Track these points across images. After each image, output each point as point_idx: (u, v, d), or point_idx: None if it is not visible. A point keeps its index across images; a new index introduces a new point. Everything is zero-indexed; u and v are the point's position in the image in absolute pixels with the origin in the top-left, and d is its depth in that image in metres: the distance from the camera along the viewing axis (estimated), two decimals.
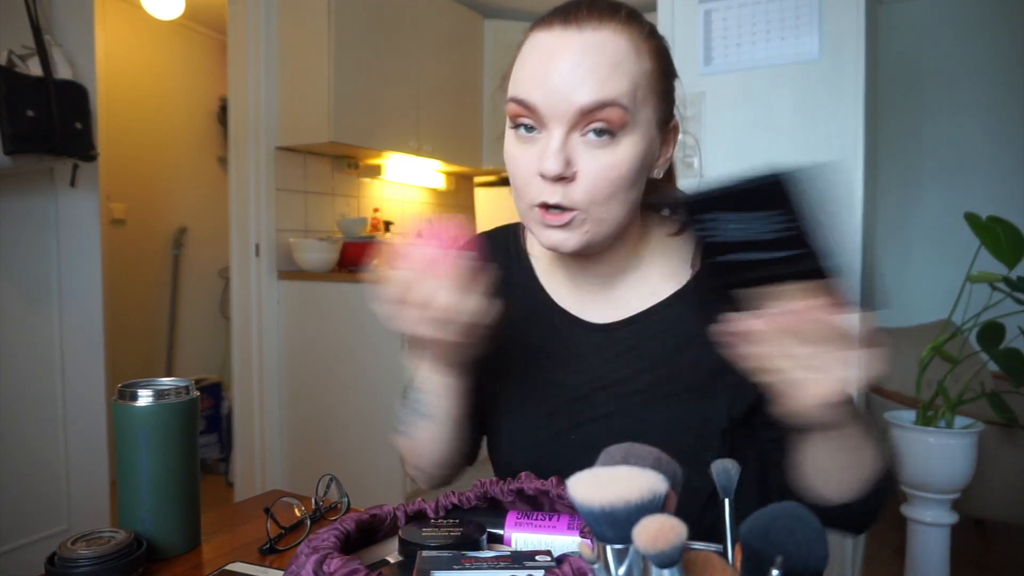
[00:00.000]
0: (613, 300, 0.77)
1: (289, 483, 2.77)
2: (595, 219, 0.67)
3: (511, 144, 0.70)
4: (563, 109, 0.64)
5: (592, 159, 0.65)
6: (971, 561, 2.28)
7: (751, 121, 1.88)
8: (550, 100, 0.64)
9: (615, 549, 0.37)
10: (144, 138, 3.28)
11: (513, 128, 0.69)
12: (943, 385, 1.76)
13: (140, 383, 0.74)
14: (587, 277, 0.78)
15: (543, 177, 0.65)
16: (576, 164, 0.65)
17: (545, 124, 0.66)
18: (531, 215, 0.69)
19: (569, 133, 0.65)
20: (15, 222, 1.85)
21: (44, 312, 1.93)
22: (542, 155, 0.65)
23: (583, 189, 0.65)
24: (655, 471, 0.40)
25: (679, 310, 0.75)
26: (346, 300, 2.62)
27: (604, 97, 0.63)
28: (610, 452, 0.45)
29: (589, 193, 0.65)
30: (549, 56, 0.65)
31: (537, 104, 0.65)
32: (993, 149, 2.90)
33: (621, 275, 0.77)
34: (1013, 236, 1.72)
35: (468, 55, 3.51)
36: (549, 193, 0.66)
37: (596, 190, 0.65)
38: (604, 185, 0.65)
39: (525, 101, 0.66)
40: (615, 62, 0.64)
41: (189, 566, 0.71)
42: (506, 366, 0.80)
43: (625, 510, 0.36)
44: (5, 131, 1.61)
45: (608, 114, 0.64)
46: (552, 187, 0.65)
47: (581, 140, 0.65)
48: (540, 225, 0.69)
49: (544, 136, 0.66)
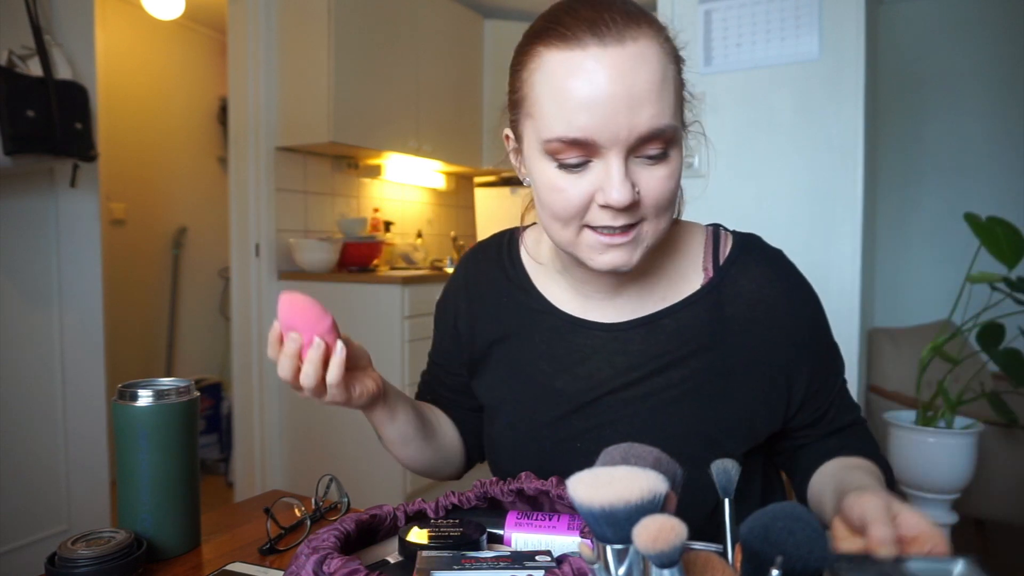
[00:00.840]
0: (619, 305, 0.75)
1: (289, 483, 2.77)
2: (654, 231, 0.65)
3: (551, 175, 0.64)
4: (623, 137, 0.60)
5: (652, 178, 0.62)
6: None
7: (751, 121, 1.88)
8: (608, 129, 0.59)
9: (615, 549, 0.37)
10: (144, 138, 3.28)
11: (552, 161, 0.63)
12: (943, 385, 1.77)
13: (140, 383, 0.74)
14: (596, 285, 0.75)
15: (607, 208, 0.62)
16: (637, 184, 0.62)
17: (599, 152, 0.61)
18: (584, 239, 0.65)
19: (628, 158, 0.62)
20: (15, 222, 1.85)
21: (44, 312, 1.93)
22: (603, 185, 0.61)
23: (647, 208, 0.63)
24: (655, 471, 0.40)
25: (691, 314, 0.73)
26: (346, 300, 2.62)
27: (663, 123, 0.60)
28: (610, 452, 0.45)
29: (654, 210, 0.64)
30: (593, 80, 0.59)
31: (591, 136, 0.60)
32: (993, 149, 2.90)
33: (630, 282, 0.74)
34: (1013, 236, 1.72)
35: (468, 55, 3.51)
36: (612, 218, 0.62)
37: (659, 206, 0.64)
38: (664, 200, 0.64)
39: (580, 140, 0.60)
40: (662, 76, 0.61)
41: (189, 566, 0.71)
42: (507, 375, 0.78)
43: (625, 510, 0.36)
44: (5, 131, 1.61)
45: (666, 136, 0.61)
46: (615, 214, 0.62)
47: (638, 162, 0.62)
48: (596, 248, 0.65)
49: (598, 164, 0.62)
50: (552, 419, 0.74)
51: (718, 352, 0.72)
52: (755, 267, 0.74)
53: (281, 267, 2.77)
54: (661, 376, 0.72)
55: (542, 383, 0.75)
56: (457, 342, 0.84)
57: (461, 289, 0.85)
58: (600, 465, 0.43)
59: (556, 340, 0.76)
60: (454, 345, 0.85)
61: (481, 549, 0.53)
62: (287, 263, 2.78)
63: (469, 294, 0.84)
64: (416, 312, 2.57)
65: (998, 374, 2.13)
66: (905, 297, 3.04)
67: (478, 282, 0.84)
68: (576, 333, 0.75)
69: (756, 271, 0.74)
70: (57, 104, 1.71)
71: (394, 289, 2.52)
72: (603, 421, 0.73)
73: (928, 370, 1.85)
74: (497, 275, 0.82)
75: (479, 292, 0.83)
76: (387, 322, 2.53)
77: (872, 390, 2.25)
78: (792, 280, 0.75)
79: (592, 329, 0.75)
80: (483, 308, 0.82)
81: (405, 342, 2.52)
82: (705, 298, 0.73)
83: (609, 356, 0.73)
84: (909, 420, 1.82)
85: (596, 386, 0.73)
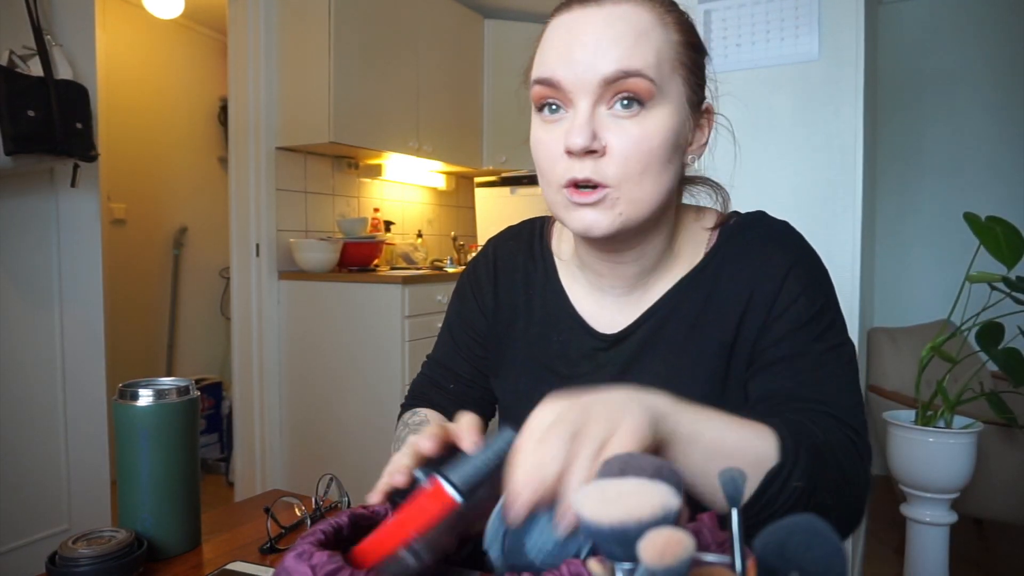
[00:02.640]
0: (633, 304, 0.74)
1: (289, 483, 2.77)
2: (628, 199, 0.63)
3: (537, 129, 0.67)
4: (587, 80, 0.61)
5: (621, 132, 0.62)
6: (971, 561, 2.28)
7: (750, 121, 1.88)
8: (574, 72, 0.62)
9: (624, 568, 0.36)
10: (144, 138, 3.28)
11: (538, 112, 0.66)
12: (942, 385, 1.77)
13: (140, 383, 0.74)
14: (612, 282, 0.74)
15: (570, 153, 0.62)
16: (604, 138, 0.62)
17: (571, 100, 0.63)
18: (559, 199, 0.65)
19: (595, 106, 0.62)
20: (16, 222, 1.85)
21: (45, 312, 1.93)
22: (568, 131, 0.62)
23: (614, 163, 0.62)
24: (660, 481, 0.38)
25: (685, 294, 0.72)
26: (346, 300, 2.62)
27: (629, 66, 0.61)
28: (609, 462, 0.44)
29: (621, 167, 0.62)
30: (571, 33, 0.63)
31: (561, 80, 0.63)
32: (992, 149, 2.90)
33: (647, 277, 0.73)
34: (1012, 236, 1.72)
35: (468, 55, 3.51)
36: (579, 168, 0.62)
37: (628, 164, 0.62)
38: (636, 159, 0.62)
39: (549, 79, 0.63)
40: (639, 31, 0.62)
41: (189, 566, 0.71)
42: (523, 369, 0.78)
43: (637, 528, 0.34)
44: (6, 131, 1.61)
45: (634, 84, 0.61)
46: (581, 162, 0.62)
47: (608, 113, 0.62)
48: (569, 206, 0.65)
49: (570, 113, 0.64)
50: None
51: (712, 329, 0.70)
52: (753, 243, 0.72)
53: (281, 267, 2.77)
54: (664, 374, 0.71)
55: (556, 384, 0.75)
56: (483, 316, 0.83)
57: (490, 271, 0.84)
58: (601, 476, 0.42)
59: (573, 342, 0.76)
60: (479, 318, 0.83)
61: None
62: (287, 263, 2.79)
63: (497, 279, 0.83)
64: (416, 312, 2.57)
65: (997, 374, 2.13)
66: (904, 297, 3.04)
67: (506, 268, 0.83)
68: (591, 341, 0.75)
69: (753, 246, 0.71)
70: (57, 104, 1.71)
71: (394, 289, 2.52)
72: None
73: (927, 370, 1.85)
74: (527, 264, 0.81)
75: (506, 278, 0.82)
76: (387, 322, 2.53)
77: (871, 390, 2.25)
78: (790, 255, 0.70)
79: (607, 340, 0.74)
80: (509, 295, 0.81)
81: (405, 342, 2.52)
82: (696, 277, 0.72)
83: (621, 368, 0.73)
84: (908, 420, 1.82)
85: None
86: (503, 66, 3.62)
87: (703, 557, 0.38)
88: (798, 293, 0.68)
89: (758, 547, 0.37)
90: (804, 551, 0.36)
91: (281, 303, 2.77)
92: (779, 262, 0.69)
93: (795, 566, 0.36)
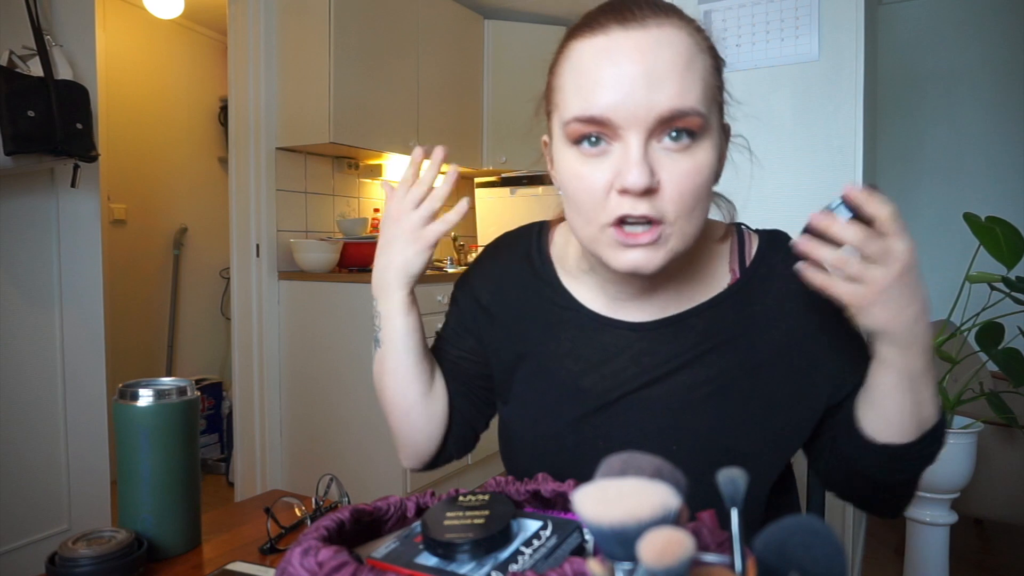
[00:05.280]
0: (645, 307, 0.73)
1: (289, 483, 2.78)
2: (680, 234, 0.61)
3: (574, 163, 0.62)
4: (641, 116, 0.58)
5: (674, 166, 0.59)
6: (971, 561, 2.28)
7: (750, 121, 1.88)
8: (627, 108, 0.58)
9: (624, 568, 0.36)
10: (144, 138, 3.28)
11: (574, 144, 0.62)
12: (942, 385, 1.77)
13: (140, 383, 0.74)
14: (622, 286, 0.72)
15: (625, 193, 0.59)
16: (658, 173, 0.59)
17: (619, 136, 0.59)
18: (603, 237, 0.62)
19: (648, 141, 0.59)
20: (16, 222, 1.85)
21: (45, 312, 1.93)
22: (621, 168, 0.59)
23: (670, 201, 0.59)
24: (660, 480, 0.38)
25: (719, 313, 0.71)
26: (346, 300, 2.62)
27: (683, 105, 0.58)
28: (609, 462, 0.43)
29: (676, 204, 0.60)
30: (614, 62, 0.58)
31: (608, 114, 0.58)
32: (992, 149, 2.90)
33: (657, 284, 0.72)
34: (1012, 236, 1.72)
35: (468, 55, 3.51)
36: (632, 206, 0.59)
37: (683, 201, 0.60)
38: (690, 194, 0.60)
39: (595, 117, 0.59)
40: (686, 60, 0.59)
41: (189, 566, 0.71)
42: (530, 372, 0.76)
43: (637, 528, 0.34)
44: (6, 131, 1.61)
45: (689, 121, 0.59)
46: (635, 200, 0.59)
47: (658, 147, 0.59)
48: (616, 246, 0.62)
49: (617, 148, 0.60)
50: (575, 418, 0.72)
51: (745, 349, 0.70)
52: (781, 264, 0.73)
53: (281, 267, 2.77)
54: (685, 374, 0.70)
55: (567, 382, 0.73)
56: (477, 320, 0.81)
57: (488, 276, 0.82)
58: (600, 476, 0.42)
59: (582, 338, 0.74)
60: (474, 322, 0.82)
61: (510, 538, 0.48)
62: (287, 263, 2.79)
63: (495, 284, 0.81)
64: None
65: (997, 374, 2.13)
66: None
67: (505, 274, 0.81)
68: (603, 332, 0.73)
69: (783, 268, 0.72)
70: (58, 104, 1.71)
71: None
72: (627, 420, 0.71)
73: None
74: (525, 269, 0.80)
75: (505, 285, 0.81)
76: None
77: None
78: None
79: (619, 328, 0.73)
80: (508, 301, 0.80)
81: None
82: (732, 297, 0.72)
83: (636, 355, 0.72)
84: None
85: (621, 384, 0.71)
86: (503, 67, 3.62)
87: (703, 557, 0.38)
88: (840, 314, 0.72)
89: (758, 547, 0.37)
90: (804, 551, 0.36)
91: (281, 303, 2.77)
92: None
93: (795, 566, 0.36)
